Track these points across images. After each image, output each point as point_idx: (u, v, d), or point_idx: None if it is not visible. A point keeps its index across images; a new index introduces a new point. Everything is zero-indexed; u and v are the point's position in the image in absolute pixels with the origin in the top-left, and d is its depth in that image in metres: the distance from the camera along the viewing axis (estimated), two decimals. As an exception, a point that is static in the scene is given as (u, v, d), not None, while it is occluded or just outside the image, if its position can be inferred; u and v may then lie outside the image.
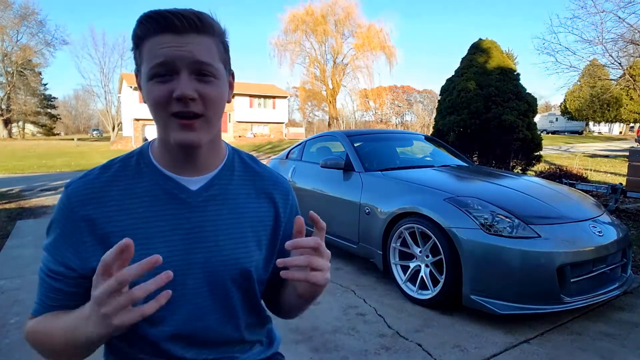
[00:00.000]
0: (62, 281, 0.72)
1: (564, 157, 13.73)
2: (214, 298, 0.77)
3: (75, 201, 0.72)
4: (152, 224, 0.72)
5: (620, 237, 2.48)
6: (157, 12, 0.66)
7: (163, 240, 0.72)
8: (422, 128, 34.13)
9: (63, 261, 0.71)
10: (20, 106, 39.24)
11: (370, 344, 2.11)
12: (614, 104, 32.50)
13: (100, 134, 50.29)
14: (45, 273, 0.73)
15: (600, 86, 17.31)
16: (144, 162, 0.76)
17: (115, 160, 0.78)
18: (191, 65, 0.66)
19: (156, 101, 0.66)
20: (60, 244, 0.72)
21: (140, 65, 0.69)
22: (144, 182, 0.74)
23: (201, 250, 0.75)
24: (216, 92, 0.69)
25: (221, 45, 0.71)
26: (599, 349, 2.04)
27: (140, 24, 0.66)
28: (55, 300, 0.72)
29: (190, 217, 0.74)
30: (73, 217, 0.71)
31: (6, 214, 5.49)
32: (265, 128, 34.44)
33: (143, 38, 0.67)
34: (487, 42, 7.03)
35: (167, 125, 0.68)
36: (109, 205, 0.72)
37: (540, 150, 6.74)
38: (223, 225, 0.77)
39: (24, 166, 13.23)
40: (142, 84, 0.69)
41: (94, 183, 0.73)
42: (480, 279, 2.26)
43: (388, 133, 4.67)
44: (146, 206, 0.72)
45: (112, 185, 0.73)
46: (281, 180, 0.87)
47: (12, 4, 35.38)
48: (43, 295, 0.73)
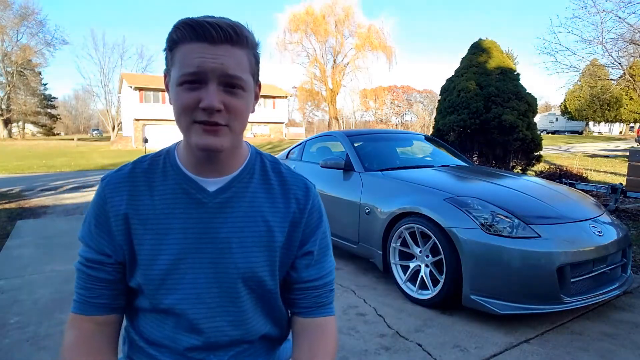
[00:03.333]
0: (100, 269, 0.77)
1: (564, 157, 13.73)
2: (225, 299, 0.78)
3: (108, 192, 0.77)
4: (171, 220, 0.76)
5: (620, 237, 2.48)
6: (195, 20, 0.67)
7: (178, 236, 0.76)
8: (422, 128, 34.13)
9: (100, 249, 0.77)
10: (20, 106, 39.22)
11: (370, 344, 2.10)
12: (614, 104, 32.51)
13: (100, 134, 50.31)
14: (84, 264, 0.78)
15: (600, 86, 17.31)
16: (169, 161, 0.79)
17: (146, 157, 0.82)
18: (221, 77, 0.67)
19: (183, 107, 0.68)
20: (95, 233, 0.77)
21: (170, 68, 0.71)
22: (168, 180, 0.78)
23: (212, 250, 0.76)
24: (242, 105, 0.71)
25: (253, 57, 0.72)
26: (599, 349, 2.04)
27: (177, 28, 0.68)
28: (94, 290, 0.77)
29: (205, 218, 0.76)
30: (105, 207, 0.76)
31: (6, 214, 5.49)
32: (265, 128, 34.43)
33: (178, 42, 0.68)
34: (487, 42, 7.04)
35: (189, 130, 0.69)
36: (136, 198, 0.76)
37: (540, 150, 6.74)
38: (237, 226, 0.77)
39: (24, 166, 13.22)
40: (171, 86, 0.71)
41: (126, 177, 0.78)
42: (480, 279, 2.26)
43: (388, 133, 4.67)
44: (167, 203, 0.76)
45: (141, 180, 0.78)
46: (303, 182, 0.86)
47: (12, 4, 35.40)
48: (82, 288, 0.78)
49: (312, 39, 33.59)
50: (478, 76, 6.65)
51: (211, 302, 0.77)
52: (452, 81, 7.01)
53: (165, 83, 0.75)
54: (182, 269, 0.76)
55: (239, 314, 0.79)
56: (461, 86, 6.65)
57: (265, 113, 34.25)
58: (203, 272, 0.76)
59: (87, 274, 0.77)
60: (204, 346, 0.78)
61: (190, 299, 0.76)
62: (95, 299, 0.77)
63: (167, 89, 0.73)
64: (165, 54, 0.72)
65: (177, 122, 0.71)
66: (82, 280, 0.78)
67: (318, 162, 3.64)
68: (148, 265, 0.75)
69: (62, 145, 26.94)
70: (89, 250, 0.77)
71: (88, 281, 0.77)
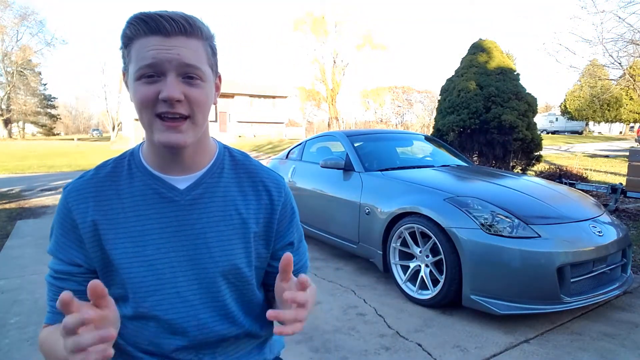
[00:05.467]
0: (70, 280, 0.75)
1: (564, 157, 13.73)
2: (206, 295, 0.78)
3: (71, 201, 0.75)
4: (144, 222, 0.74)
5: (620, 237, 2.48)
6: (147, 14, 0.67)
7: (154, 238, 0.75)
8: (422, 128, 34.12)
9: (69, 259, 0.75)
10: (20, 106, 39.19)
11: (370, 344, 2.10)
12: (614, 104, 32.51)
13: (100, 134, 50.27)
14: (53, 277, 0.76)
15: (600, 86, 17.31)
16: (134, 162, 0.78)
17: (108, 161, 0.80)
18: (179, 67, 0.67)
19: (142, 101, 0.67)
20: (63, 243, 0.75)
21: (128, 65, 0.70)
22: (135, 182, 0.76)
23: (190, 247, 0.76)
24: (202, 94, 0.70)
25: (209, 48, 0.73)
26: (599, 349, 2.04)
27: (130, 24, 0.67)
28: None
29: (179, 216, 0.76)
30: (71, 215, 0.74)
31: (6, 214, 5.49)
32: (265, 128, 34.44)
33: (132, 38, 0.68)
34: (488, 42, 7.03)
35: (152, 126, 0.69)
36: (103, 203, 0.75)
37: (540, 150, 6.74)
38: (212, 222, 0.78)
39: (24, 166, 13.21)
40: (130, 83, 0.70)
41: (89, 183, 0.76)
42: (480, 278, 2.26)
43: (388, 133, 4.67)
44: (138, 205, 0.75)
45: (106, 184, 0.76)
46: (274, 175, 0.87)
47: (12, 4, 35.40)
48: (52, 300, 0.76)
49: (312, 39, 33.61)
50: (478, 76, 6.64)
51: (193, 299, 0.77)
52: (452, 81, 7.01)
53: (125, 81, 0.73)
54: (160, 270, 0.75)
55: (221, 308, 0.79)
56: (461, 86, 6.65)
57: (265, 113, 34.25)
58: (181, 270, 0.76)
59: (56, 286, 0.75)
60: (190, 345, 0.78)
61: (171, 299, 0.75)
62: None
63: (127, 86, 0.72)
64: (122, 52, 0.71)
65: (139, 119, 0.71)
66: (52, 293, 0.76)
67: (318, 162, 3.64)
68: (125, 269, 0.74)
69: (62, 145, 26.93)
70: (58, 262, 0.76)
71: (58, 293, 0.74)
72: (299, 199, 3.94)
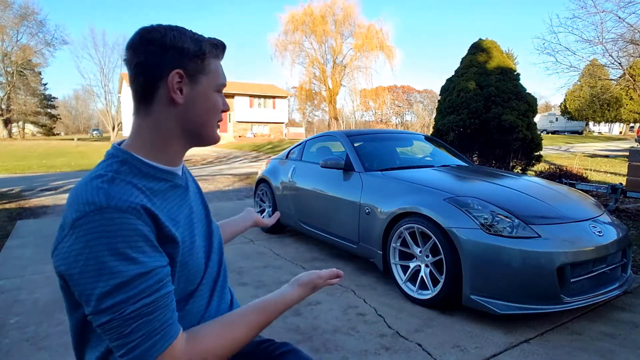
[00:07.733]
0: (168, 281, 0.70)
1: (564, 157, 13.73)
2: (220, 266, 0.92)
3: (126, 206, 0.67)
4: (175, 210, 0.80)
5: (620, 237, 2.48)
6: (222, 42, 0.83)
7: (185, 222, 0.81)
8: (422, 128, 34.14)
9: (163, 262, 0.70)
10: (20, 106, 39.15)
11: (370, 344, 2.11)
12: (614, 104, 32.52)
13: (101, 134, 50.24)
14: (158, 289, 0.67)
15: (600, 86, 17.31)
16: (137, 167, 0.75)
17: (107, 175, 0.71)
18: None
19: (219, 108, 0.83)
20: (151, 252, 0.69)
21: (197, 73, 0.78)
22: (148, 178, 0.75)
23: (202, 226, 0.88)
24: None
25: None
26: (599, 349, 2.04)
27: (209, 44, 0.80)
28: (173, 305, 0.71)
29: (188, 200, 0.85)
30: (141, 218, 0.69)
31: (6, 214, 5.49)
32: (265, 128, 34.45)
33: (206, 54, 0.79)
34: (487, 42, 7.04)
35: (214, 126, 0.84)
36: (148, 198, 0.72)
37: (540, 150, 6.74)
38: (202, 202, 0.93)
39: (24, 166, 13.21)
40: (203, 90, 0.79)
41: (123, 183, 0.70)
42: (480, 279, 2.26)
43: (388, 133, 4.67)
44: (170, 198, 0.79)
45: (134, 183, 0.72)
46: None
47: (12, 4, 35.36)
48: (173, 310, 0.70)
49: (312, 39, 33.58)
50: (478, 76, 6.65)
51: (214, 285, 0.88)
52: (452, 81, 7.01)
53: (183, 82, 0.76)
54: (195, 251, 0.82)
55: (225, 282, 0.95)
56: (461, 86, 6.65)
57: (265, 113, 34.27)
58: (203, 248, 0.86)
59: (166, 293, 0.68)
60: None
61: (206, 279, 0.85)
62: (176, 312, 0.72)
63: (180, 90, 0.76)
64: (192, 59, 0.77)
65: (204, 120, 0.80)
66: (166, 302, 0.68)
67: (318, 162, 3.64)
68: (186, 254, 0.78)
69: (62, 145, 26.90)
70: (158, 271, 0.68)
71: (173, 301, 0.70)
72: (299, 198, 3.94)
